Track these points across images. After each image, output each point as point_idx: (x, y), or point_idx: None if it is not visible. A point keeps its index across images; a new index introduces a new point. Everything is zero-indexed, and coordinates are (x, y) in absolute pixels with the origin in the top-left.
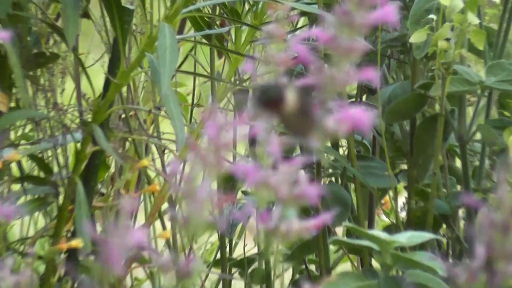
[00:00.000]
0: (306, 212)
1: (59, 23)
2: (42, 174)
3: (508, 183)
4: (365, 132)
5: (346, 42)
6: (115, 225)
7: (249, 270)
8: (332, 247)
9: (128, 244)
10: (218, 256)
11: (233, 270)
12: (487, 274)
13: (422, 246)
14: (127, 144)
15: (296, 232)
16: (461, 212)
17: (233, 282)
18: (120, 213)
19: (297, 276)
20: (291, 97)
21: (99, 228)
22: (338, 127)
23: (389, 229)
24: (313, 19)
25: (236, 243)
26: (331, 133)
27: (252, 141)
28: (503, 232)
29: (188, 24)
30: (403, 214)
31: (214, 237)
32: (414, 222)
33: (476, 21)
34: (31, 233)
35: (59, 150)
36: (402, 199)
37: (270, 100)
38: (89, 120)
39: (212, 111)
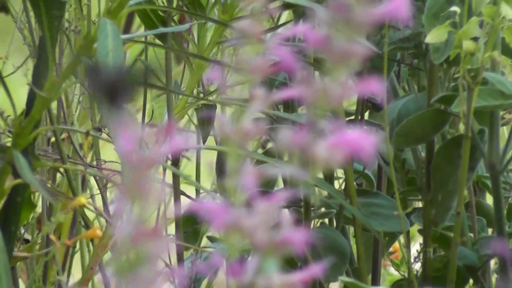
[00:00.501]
0: (291, 263)
1: None
2: None
3: None
4: (367, 161)
5: (343, 43)
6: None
7: None
8: None
9: None
10: None
11: None
12: None
13: None
14: (58, 176)
15: None
16: (492, 264)
17: None
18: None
19: None
20: None
21: (22, 285)
22: (331, 154)
23: (400, 285)
24: (299, 14)
25: None
26: (322, 163)
27: (221, 171)
28: None
29: (137, 20)
30: (417, 266)
31: None
32: (431, 276)
33: None
34: None
35: None
36: (416, 246)
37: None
38: (8, 144)
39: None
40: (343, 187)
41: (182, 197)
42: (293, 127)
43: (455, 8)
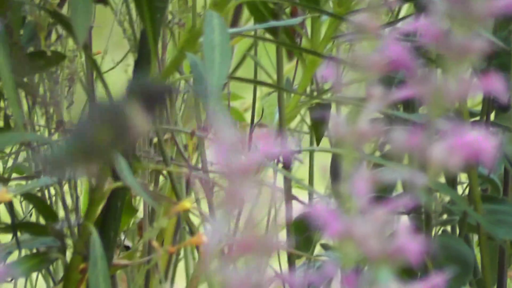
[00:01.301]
0: (410, 274)
1: (64, 11)
2: (42, 221)
3: None
4: (488, 164)
5: (462, 38)
6: None
7: None
8: None
9: None
10: None
11: None
12: None
13: None
14: (161, 179)
15: None
16: None
17: None
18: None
19: None
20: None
21: None
22: (449, 157)
23: None
24: (421, 7)
25: None
26: (439, 166)
27: (335, 175)
28: None
29: (246, 13)
30: None
31: None
32: None
33: None
34: None
35: (66, 187)
36: None
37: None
38: None
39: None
40: (466, 192)
41: (294, 202)
42: (412, 128)
43: None
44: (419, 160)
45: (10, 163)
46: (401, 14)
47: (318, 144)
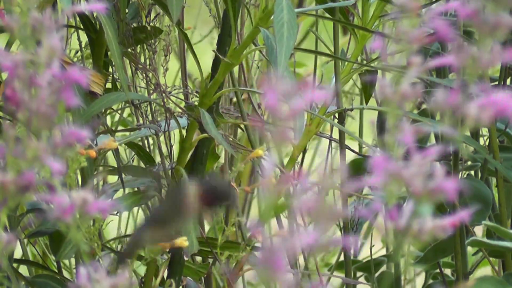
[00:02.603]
0: (441, 209)
1: None
2: (142, 164)
3: None
4: (510, 119)
5: (491, 17)
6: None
7: (376, 274)
8: (470, 249)
9: (297, 249)
10: (342, 258)
11: (358, 274)
12: None
13: None
14: (239, 131)
15: (429, 231)
16: None
17: (358, 287)
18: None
19: (430, 281)
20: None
21: (206, 226)
22: (480, 114)
23: None
24: None
25: (362, 244)
26: (472, 121)
27: (381, 128)
28: None
29: None
30: None
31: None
32: None
33: None
34: (130, 230)
35: (161, 138)
36: None
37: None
38: (196, 104)
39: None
40: (487, 143)
41: (347, 151)
42: (445, 91)
43: None
44: (451, 117)
45: (116, 117)
46: None
47: (367, 103)
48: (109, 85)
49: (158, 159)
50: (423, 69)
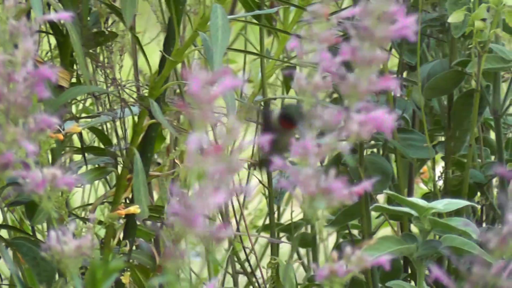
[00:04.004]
0: (350, 181)
1: (117, 4)
2: (102, 145)
3: None
4: (388, 132)
5: (367, 53)
6: (198, 189)
7: (296, 235)
8: (374, 213)
9: (210, 206)
10: (267, 221)
11: (281, 234)
12: None
13: (457, 213)
14: (181, 117)
15: (339, 198)
16: (494, 181)
17: (280, 245)
18: (175, 182)
19: (341, 240)
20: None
21: (155, 195)
22: (360, 129)
23: (427, 196)
24: (356, 1)
25: (284, 210)
26: (354, 135)
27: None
28: None
29: (239, 4)
30: (440, 183)
31: (264, 204)
32: (450, 190)
33: (510, 2)
34: (92, 200)
35: (117, 123)
36: (439, 168)
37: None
38: (146, 95)
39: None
40: None
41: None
42: (331, 112)
43: None
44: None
45: (80, 106)
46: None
47: (287, 93)
48: (74, 80)
49: (115, 140)
50: (332, 64)
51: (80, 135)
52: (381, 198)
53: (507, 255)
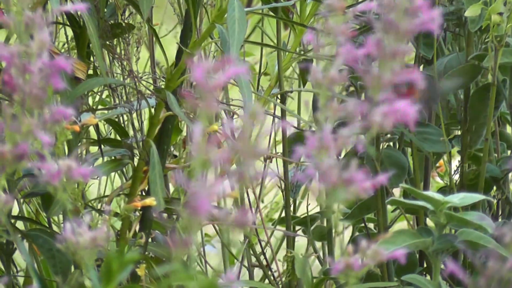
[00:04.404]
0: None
1: None
2: (118, 137)
3: None
4: (411, 125)
5: (391, 46)
6: (202, 178)
7: (312, 228)
8: (389, 207)
9: (214, 195)
10: (283, 215)
11: (297, 228)
12: None
13: (473, 207)
14: (198, 109)
15: (355, 192)
16: (510, 175)
17: (296, 239)
18: (191, 173)
19: (356, 233)
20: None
21: (171, 188)
22: (383, 120)
23: (443, 190)
24: None
25: (300, 203)
26: (377, 126)
27: (315, 107)
28: None
29: None
30: (456, 177)
31: (279, 197)
32: (466, 184)
33: None
34: (108, 192)
35: (134, 115)
36: (455, 162)
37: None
38: (163, 87)
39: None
40: None
41: (288, 126)
42: (355, 102)
43: None
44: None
45: (97, 98)
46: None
47: (304, 86)
48: (90, 72)
49: (131, 133)
50: (350, 58)
51: (96, 127)
52: (397, 191)
53: None
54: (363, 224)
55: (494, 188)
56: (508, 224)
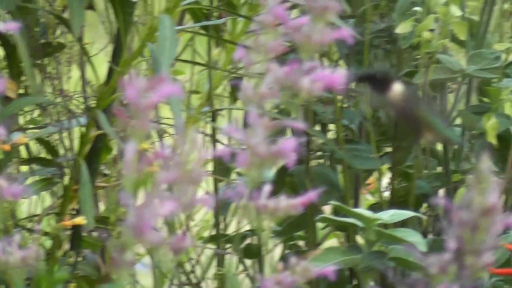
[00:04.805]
0: (295, 190)
1: (65, 15)
2: (49, 156)
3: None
4: (339, 90)
5: (321, 1)
6: (148, 196)
7: (242, 246)
8: (319, 224)
9: (159, 214)
10: (214, 232)
11: (227, 245)
12: (457, 266)
13: (404, 223)
14: (129, 128)
15: (284, 209)
16: (440, 192)
17: (227, 257)
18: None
19: (287, 251)
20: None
21: (101, 206)
22: (312, 86)
23: (374, 207)
24: (303, 12)
25: (231, 220)
26: (306, 92)
27: (245, 124)
28: (472, 231)
29: (187, 15)
30: (386, 194)
31: (210, 215)
32: (397, 201)
33: (458, 13)
34: (38, 211)
35: (64, 134)
36: (386, 179)
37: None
38: (93, 106)
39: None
40: (334, 136)
41: (218, 144)
42: (288, 65)
43: (417, 8)
44: (292, 89)
45: (28, 117)
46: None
47: (235, 103)
48: (21, 91)
49: (62, 152)
50: (279, 75)
51: (27, 146)
52: (328, 209)
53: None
54: (293, 242)
55: (424, 205)
56: (435, 256)
